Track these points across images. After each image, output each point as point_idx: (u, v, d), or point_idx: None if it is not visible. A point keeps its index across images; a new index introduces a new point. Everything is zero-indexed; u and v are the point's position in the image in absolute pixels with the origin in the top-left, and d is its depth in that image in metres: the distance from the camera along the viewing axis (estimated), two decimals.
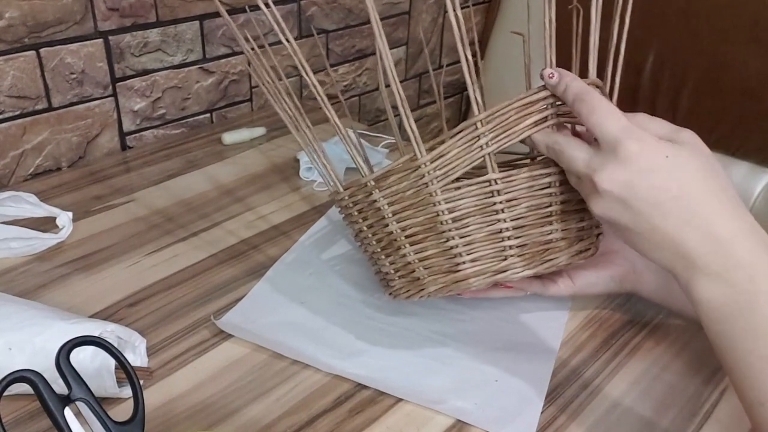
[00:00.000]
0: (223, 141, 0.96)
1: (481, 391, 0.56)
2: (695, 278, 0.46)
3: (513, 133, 0.50)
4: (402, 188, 0.53)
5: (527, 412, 0.54)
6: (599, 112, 0.47)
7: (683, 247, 0.45)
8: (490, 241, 0.53)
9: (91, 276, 0.68)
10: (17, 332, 0.52)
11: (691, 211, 0.45)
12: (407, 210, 0.54)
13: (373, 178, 0.54)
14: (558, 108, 0.50)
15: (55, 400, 0.40)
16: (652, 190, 0.45)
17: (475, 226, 0.52)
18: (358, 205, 0.58)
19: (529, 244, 0.53)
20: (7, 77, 0.81)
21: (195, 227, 0.77)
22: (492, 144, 0.50)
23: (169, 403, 0.54)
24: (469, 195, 0.52)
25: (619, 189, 0.46)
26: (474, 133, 0.50)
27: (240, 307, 0.64)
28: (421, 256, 0.55)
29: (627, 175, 0.46)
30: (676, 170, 0.46)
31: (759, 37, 1.04)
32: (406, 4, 1.27)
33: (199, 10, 0.97)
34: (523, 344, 0.62)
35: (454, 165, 0.51)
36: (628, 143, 0.46)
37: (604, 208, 0.47)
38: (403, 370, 0.58)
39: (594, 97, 0.48)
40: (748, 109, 1.07)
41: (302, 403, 0.55)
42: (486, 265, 0.53)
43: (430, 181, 0.51)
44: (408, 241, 0.55)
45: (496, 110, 0.49)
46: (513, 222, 0.52)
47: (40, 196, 0.76)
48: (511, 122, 0.50)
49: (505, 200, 0.51)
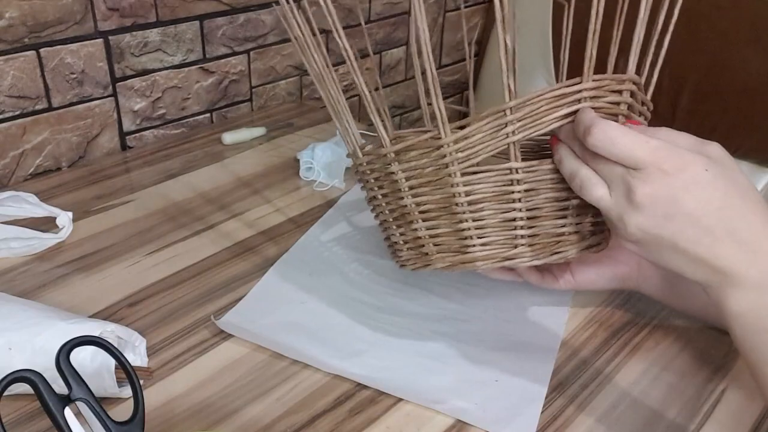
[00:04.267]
0: (223, 141, 0.96)
1: (481, 391, 0.56)
2: (732, 291, 0.45)
3: (541, 124, 0.49)
4: (421, 165, 0.52)
5: (527, 412, 0.54)
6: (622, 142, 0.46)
7: (724, 260, 0.45)
8: (502, 227, 0.52)
9: (91, 276, 0.68)
10: (17, 332, 0.52)
11: (735, 224, 0.44)
12: (424, 187, 0.53)
13: (393, 150, 0.54)
14: (593, 102, 0.48)
15: (55, 400, 0.40)
16: (697, 206, 0.44)
17: (490, 211, 0.52)
18: (375, 173, 0.57)
19: (540, 235, 0.52)
20: (7, 77, 0.81)
21: (195, 227, 0.77)
22: (518, 132, 0.49)
23: (169, 403, 0.54)
24: (487, 180, 0.51)
25: (662, 204, 0.45)
26: (502, 119, 0.49)
27: (240, 307, 0.64)
28: (432, 233, 0.54)
29: (669, 189, 0.45)
30: (717, 182, 0.45)
31: (759, 38, 1.04)
32: (406, 4, 1.27)
33: (199, 10, 0.96)
34: (524, 344, 0.62)
35: (477, 149, 0.50)
36: (668, 161, 0.45)
37: (643, 223, 0.46)
38: (403, 370, 0.58)
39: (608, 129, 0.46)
40: (748, 109, 1.07)
41: (302, 403, 0.55)
42: (495, 251, 0.53)
43: (450, 162, 0.51)
44: (421, 217, 0.54)
45: (528, 98, 0.48)
46: (528, 212, 0.51)
47: (40, 196, 0.76)
48: (541, 112, 0.48)
49: (524, 190, 0.51)
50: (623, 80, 0.49)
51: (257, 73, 1.08)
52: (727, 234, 0.44)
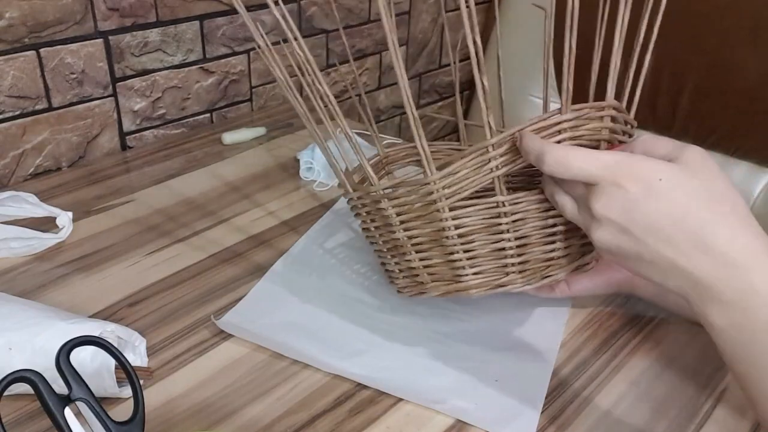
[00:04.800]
0: (223, 141, 0.96)
1: (481, 391, 0.56)
2: (709, 305, 0.44)
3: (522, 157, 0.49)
4: (410, 201, 0.54)
5: (527, 412, 0.54)
6: (573, 163, 0.46)
7: (693, 274, 0.43)
8: (493, 257, 0.53)
9: (91, 276, 0.68)
10: (17, 332, 0.52)
11: (698, 236, 0.43)
12: (414, 221, 0.54)
13: (383, 188, 0.55)
14: (573, 132, 0.49)
15: (55, 400, 0.40)
16: (651, 216, 0.43)
17: (480, 242, 0.53)
18: (367, 207, 0.58)
19: (531, 261, 0.54)
20: (7, 77, 0.81)
21: (195, 227, 0.77)
22: (502, 167, 0.50)
23: (169, 403, 0.54)
24: (476, 214, 0.52)
25: (617, 216, 0.44)
26: (484, 156, 0.50)
27: (240, 307, 0.64)
28: (425, 263, 0.56)
29: (623, 203, 0.44)
30: (674, 192, 0.43)
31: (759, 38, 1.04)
32: (406, 4, 1.27)
33: (199, 10, 0.96)
34: (524, 344, 0.62)
35: (462, 185, 0.51)
36: (620, 173, 0.44)
37: (603, 237, 0.46)
38: (403, 370, 0.58)
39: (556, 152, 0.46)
40: (748, 109, 1.07)
41: (302, 403, 0.55)
42: (487, 279, 0.54)
43: (438, 198, 0.52)
44: (414, 249, 0.56)
45: (508, 134, 0.49)
46: (517, 241, 0.53)
47: (40, 196, 0.76)
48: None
49: (511, 221, 0.52)
50: (603, 107, 0.50)
51: (257, 73, 1.08)
52: (694, 246, 0.43)
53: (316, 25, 1.13)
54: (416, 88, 1.40)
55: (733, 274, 0.42)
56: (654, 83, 1.15)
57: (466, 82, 1.48)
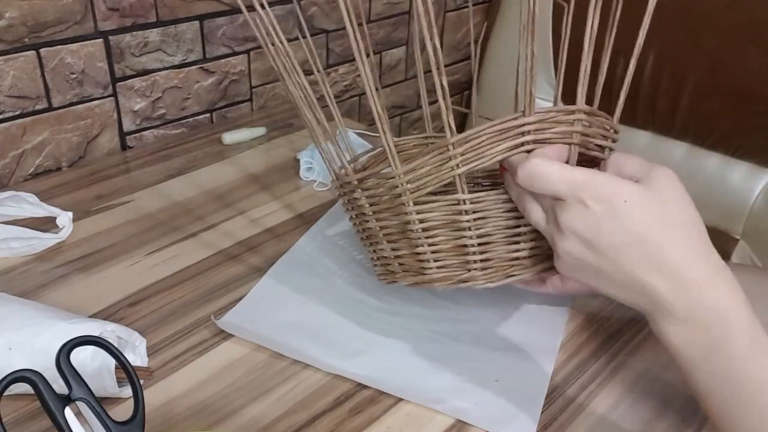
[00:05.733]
0: (223, 141, 0.96)
1: (481, 391, 0.56)
2: (665, 323, 0.45)
3: (485, 157, 0.50)
4: (379, 193, 0.55)
5: (527, 412, 0.54)
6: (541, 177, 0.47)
7: (650, 291, 0.45)
8: (455, 252, 0.54)
9: (91, 276, 0.68)
10: (17, 332, 0.52)
11: (656, 256, 0.44)
12: (384, 212, 0.56)
13: (356, 178, 0.56)
14: (537, 135, 0.50)
15: (55, 399, 0.40)
16: (614, 236, 0.45)
17: (443, 237, 0.54)
18: (346, 196, 0.59)
19: (494, 259, 0.54)
20: (7, 77, 0.81)
21: (195, 227, 0.77)
22: (462, 166, 0.50)
23: (169, 403, 0.54)
24: (438, 210, 0.53)
25: (581, 231, 0.46)
26: (445, 154, 0.50)
27: (240, 307, 0.64)
28: (396, 254, 0.57)
29: (588, 220, 0.45)
30: (636, 213, 0.44)
31: (759, 38, 1.04)
32: (406, 4, 1.27)
33: (199, 9, 0.96)
34: (524, 344, 0.62)
35: (425, 181, 0.52)
36: (586, 192, 0.45)
37: (568, 247, 0.47)
38: (403, 370, 0.58)
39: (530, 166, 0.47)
40: (748, 109, 1.07)
41: (302, 403, 0.55)
42: (450, 273, 0.55)
43: (402, 192, 0.53)
44: (385, 239, 0.57)
45: (470, 134, 0.50)
46: (479, 239, 0.53)
47: (40, 196, 0.76)
48: (484, 146, 0.50)
49: (473, 219, 0.52)
50: (572, 111, 0.50)
51: (257, 73, 1.08)
52: (650, 264, 0.44)
53: (316, 25, 1.13)
54: (416, 87, 1.40)
55: (687, 292, 0.44)
56: (654, 83, 1.15)
57: (465, 82, 1.48)
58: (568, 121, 0.50)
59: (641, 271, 0.45)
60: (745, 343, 0.43)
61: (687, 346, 0.45)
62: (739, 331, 0.44)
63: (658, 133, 1.18)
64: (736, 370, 0.43)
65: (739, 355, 0.43)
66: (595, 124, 0.51)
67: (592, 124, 0.51)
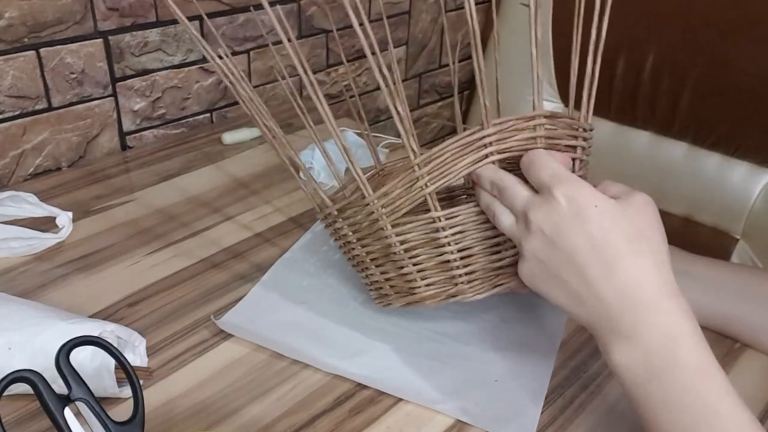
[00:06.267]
0: (223, 141, 0.96)
1: (481, 391, 0.56)
2: (612, 340, 0.45)
3: (452, 173, 0.51)
4: (359, 220, 0.56)
5: (527, 412, 0.54)
6: (536, 163, 0.49)
7: (602, 302, 0.45)
8: (440, 269, 0.54)
9: (91, 276, 0.68)
10: (17, 332, 0.52)
11: (611, 267, 0.45)
12: (366, 238, 0.56)
13: (336, 209, 0.58)
14: (499, 144, 0.50)
15: (55, 400, 0.40)
16: (578, 237, 0.45)
17: (426, 255, 0.54)
18: (330, 227, 0.60)
19: (478, 271, 0.54)
20: (7, 77, 0.81)
21: (195, 227, 0.77)
22: (431, 184, 0.51)
23: (169, 403, 0.54)
24: (416, 230, 0.53)
25: (549, 229, 0.46)
26: (413, 175, 0.51)
27: (240, 307, 0.64)
28: (385, 277, 0.58)
29: (557, 217, 0.46)
30: (604, 221, 0.45)
31: (759, 37, 1.04)
32: (406, 4, 1.27)
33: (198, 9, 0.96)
34: (523, 344, 0.62)
35: (398, 203, 0.53)
36: (560, 188, 0.46)
37: (534, 247, 0.47)
38: (403, 370, 0.58)
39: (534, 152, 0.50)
40: (748, 109, 1.07)
41: (302, 403, 0.55)
42: (439, 290, 0.55)
43: (378, 216, 0.54)
44: (372, 264, 0.58)
45: (433, 153, 0.50)
46: (460, 253, 0.53)
47: (40, 196, 0.76)
48: (449, 163, 0.51)
49: (451, 234, 0.53)
50: (532, 117, 0.51)
51: (257, 73, 1.08)
52: (604, 275, 0.45)
53: (316, 25, 1.13)
54: (416, 87, 1.40)
55: (635, 311, 0.44)
56: (654, 83, 1.15)
57: (465, 82, 1.48)
58: (529, 127, 0.51)
59: (595, 280, 0.45)
60: (691, 368, 0.43)
61: (630, 367, 0.44)
62: (688, 352, 0.43)
63: (658, 133, 1.18)
64: (682, 395, 0.43)
65: (685, 381, 0.43)
66: (560, 125, 0.52)
67: (556, 126, 0.52)
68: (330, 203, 0.59)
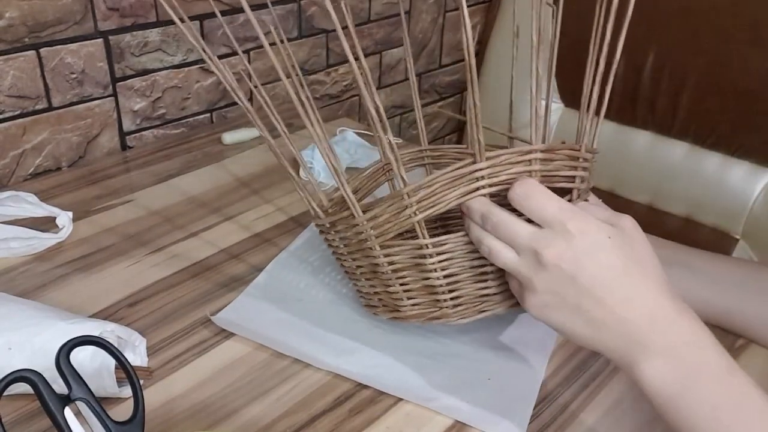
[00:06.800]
0: (223, 141, 0.96)
1: (474, 390, 0.56)
2: (641, 358, 0.45)
3: (441, 203, 0.50)
4: (349, 236, 0.56)
5: (519, 411, 0.54)
6: (536, 199, 0.48)
7: (629, 324, 0.46)
8: (426, 291, 0.54)
9: (91, 276, 0.68)
10: (17, 332, 0.52)
11: (635, 290, 0.46)
12: (356, 253, 0.57)
13: (328, 222, 0.58)
14: (492, 179, 0.50)
15: (55, 399, 0.40)
16: (600, 269, 0.46)
17: (412, 278, 0.54)
18: (323, 235, 0.61)
19: (464, 297, 0.54)
20: (7, 77, 0.81)
21: (195, 227, 0.77)
22: (420, 213, 0.51)
23: (169, 403, 0.54)
24: (403, 253, 0.53)
25: (568, 264, 0.46)
26: (401, 203, 0.51)
27: (236, 304, 0.64)
28: (374, 290, 0.58)
29: (574, 251, 0.46)
30: (618, 250, 0.47)
31: (759, 37, 1.04)
32: (406, 4, 1.27)
33: (199, 9, 0.96)
34: (517, 343, 0.62)
35: (386, 227, 0.53)
36: (571, 223, 0.47)
37: (549, 282, 0.47)
38: (397, 368, 0.58)
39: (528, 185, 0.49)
40: (748, 109, 1.07)
41: (302, 403, 0.55)
42: (424, 311, 0.55)
43: (367, 237, 0.54)
44: (362, 276, 0.58)
45: (424, 182, 0.50)
46: (446, 279, 0.53)
47: (40, 196, 0.76)
48: (439, 193, 0.50)
49: (437, 261, 0.53)
50: (527, 151, 0.50)
51: (257, 73, 1.08)
52: (629, 299, 0.46)
53: (316, 25, 1.13)
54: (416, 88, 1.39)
55: (661, 326, 0.46)
56: (654, 83, 1.15)
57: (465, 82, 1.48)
58: (524, 161, 0.50)
59: (620, 307, 0.46)
60: (721, 367, 0.44)
61: (665, 380, 0.45)
62: (713, 356, 0.45)
63: (658, 133, 1.18)
64: (719, 395, 0.44)
65: (719, 381, 0.44)
66: (557, 158, 0.51)
67: (553, 159, 0.51)
68: (322, 215, 0.59)
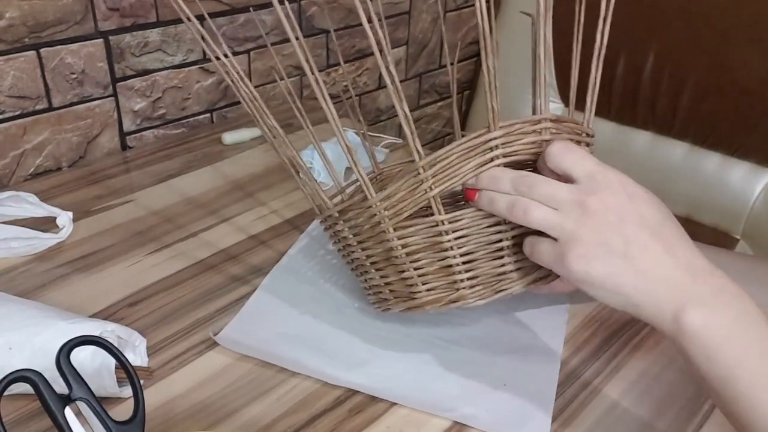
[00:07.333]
0: (223, 141, 0.96)
1: (491, 397, 0.56)
2: (688, 305, 0.45)
3: (457, 176, 0.50)
4: (360, 222, 0.55)
5: (538, 415, 0.54)
6: (574, 153, 0.49)
7: (675, 272, 0.46)
8: (442, 273, 0.54)
9: (91, 276, 0.68)
10: (17, 332, 0.52)
11: (677, 241, 0.47)
12: (367, 241, 0.56)
13: (337, 210, 0.57)
14: (505, 148, 0.50)
15: (55, 399, 0.40)
16: (644, 218, 0.47)
17: (427, 260, 0.54)
18: (330, 230, 0.60)
19: (480, 276, 0.53)
20: (7, 77, 0.82)
21: (195, 227, 0.77)
22: (435, 188, 0.50)
23: (169, 403, 0.54)
24: (419, 233, 0.53)
25: (613, 210, 0.47)
26: (417, 178, 0.51)
27: (238, 321, 0.62)
28: (385, 281, 0.57)
29: (617, 198, 0.47)
30: (657, 203, 0.48)
31: (759, 37, 1.04)
32: (406, 4, 1.27)
33: (199, 10, 0.96)
34: (527, 346, 0.62)
35: (401, 206, 0.52)
36: (613, 174, 0.48)
37: (595, 231, 0.47)
38: (409, 379, 0.57)
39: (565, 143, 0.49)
40: (748, 109, 1.07)
41: (302, 403, 0.55)
42: (440, 295, 0.55)
43: (381, 219, 0.53)
44: (373, 267, 0.57)
45: (438, 155, 0.50)
46: (463, 257, 0.53)
47: (41, 196, 0.76)
48: (454, 166, 0.50)
49: (453, 239, 0.52)
50: (538, 120, 0.51)
51: (257, 73, 1.08)
52: (670, 249, 0.47)
53: (316, 25, 1.13)
54: (416, 87, 1.40)
55: (702, 276, 0.46)
56: (654, 83, 1.15)
57: (466, 82, 1.48)
58: (535, 131, 0.50)
59: (665, 255, 0.46)
60: (760, 314, 0.45)
61: (711, 326, 0.45)
62: (751, 305, 0.46)
63: (658, 133, 1.18)
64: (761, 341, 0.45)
65: (759, 325, 0.45)
66: (564, 130, 0.52)
67: (561, 130, 0.52)
68: (331, 204, 0.58)
